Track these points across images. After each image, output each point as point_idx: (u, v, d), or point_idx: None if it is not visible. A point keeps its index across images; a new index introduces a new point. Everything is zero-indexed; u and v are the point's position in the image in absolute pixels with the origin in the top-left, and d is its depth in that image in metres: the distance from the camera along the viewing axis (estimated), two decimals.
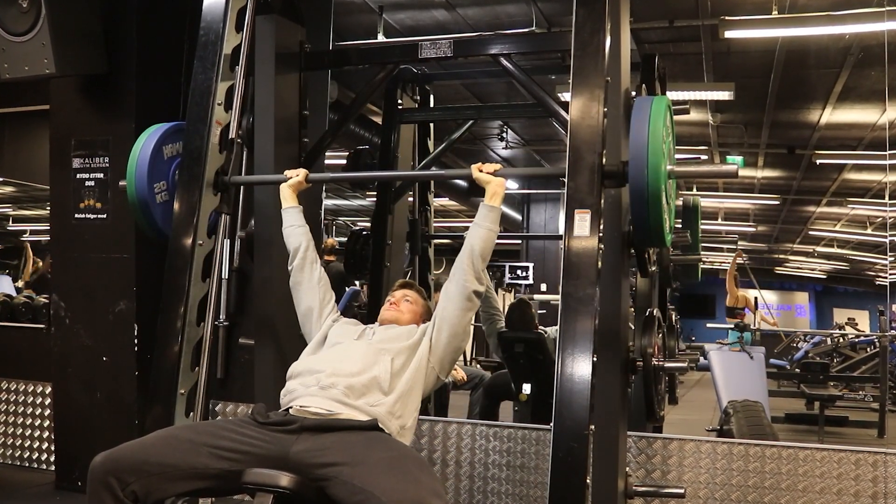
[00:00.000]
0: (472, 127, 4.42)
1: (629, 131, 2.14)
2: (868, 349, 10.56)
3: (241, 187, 3.50)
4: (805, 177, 10.80)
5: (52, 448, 4.06)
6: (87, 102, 3.83)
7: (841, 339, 11.14)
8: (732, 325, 7.71)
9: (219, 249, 2.68)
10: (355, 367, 2.21)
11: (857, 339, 11.19)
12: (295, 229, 2.54)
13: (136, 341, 3.73)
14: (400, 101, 4.34)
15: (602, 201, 2.12)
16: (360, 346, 2.32)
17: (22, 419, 4.21)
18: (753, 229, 15.59)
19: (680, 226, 4.70)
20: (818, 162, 9.31)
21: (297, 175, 2.56)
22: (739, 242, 18.29)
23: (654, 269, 3.19)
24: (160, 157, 2.73)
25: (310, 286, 2.49)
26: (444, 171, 2.56)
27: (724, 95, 6.95)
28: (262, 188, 2.98)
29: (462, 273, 2.26)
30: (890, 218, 8.14)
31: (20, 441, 4.21)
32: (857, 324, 14.53)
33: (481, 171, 2.33)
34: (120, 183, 2.73)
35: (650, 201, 2.06)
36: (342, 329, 2.44)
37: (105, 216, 3.80)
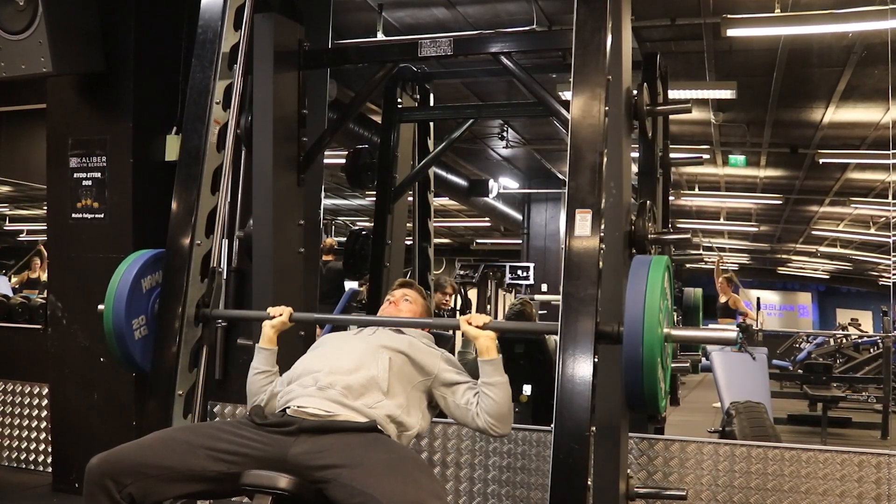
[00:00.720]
0: (473, 126, 4.43)
1: (626, 289, 2.06)
2: (871, 350, 10.57)
3: (239, 183, 3.50)
4: (808, 176, 10.80)
5: (49, 450, 4.06)
6: (85, 101, 3.83)
7: (844, 340, 11.14)
8: (736, 325, 7.71)
9: (217, 249, 2.67)
10: (352, 365, 2.20)
11: (860, 340, 11.19)
12: (260, 378, 2.44)
13: None
14: (399, 100, 4.34)
15: (603, 201, 2.12)
16: (358, 342, 2.32)
17: (18, 420, 4.21)
18: (756, 229, 15.60)
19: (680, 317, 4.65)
20: (821, 161, 9.31)
21: (280, 314, 2.47)
22: (741, 242, 18.33)
23: None
24: (139, 290, 2.60)
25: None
26: (433, 320, 2.51)
27: (727, 94, 6.95)
28: (259, 186, 2.99)
29: (490, 432, 2.21)
30: (893, 217, 8.14)
31: (17, 443, 4.21)
32: (860, 324, 14.54)
33: (470, 323, 2.25)
34: (98, 307, 2.60)
35: (645, 369, 2.00)
36: (335, 335, 2.45)
37: (102, 216, 3.79)
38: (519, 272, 11.04)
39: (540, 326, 3.83)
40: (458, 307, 9.08)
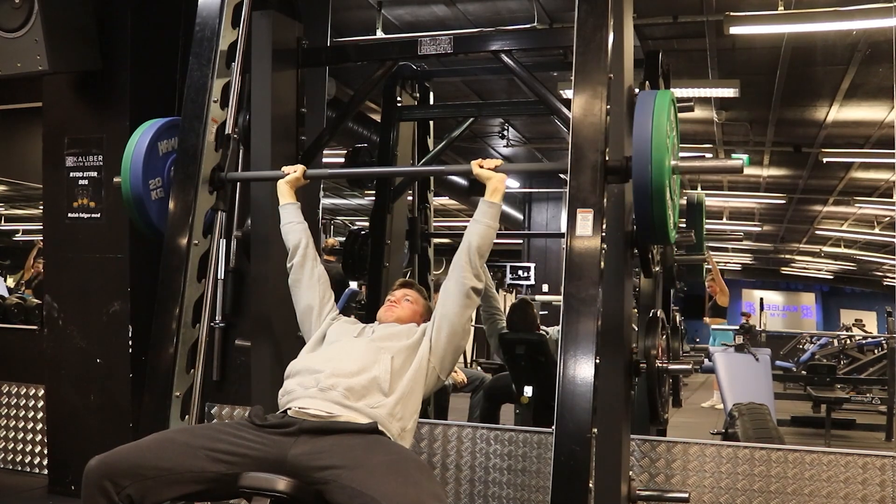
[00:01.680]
0: (473, 125, 4.43)
1: (632, 127, 2.13)
2: (876, 351, 10.58)
3: (238, 185, 3.50)
4: (811, 175, 10.81)
5: (46, 452, 4.06)
6: (81, 100, 3.83)
7: (848, 341, 11.15)
8: (738, 327, 7.71)
9: (214, 249, 2.68)
10: (355, 366, 2.21)
11: (864, 341, 11.20)
12: (294, 226, 2.53)
13: (130, 343, 3.73)
14: (399, 99, 4.34)
15: (605, 200, 2.12)
16: (360, 344, 2.32)
17: (14, 422, 4.21)
18: (759, 228, 15.59)
19: (684, 225, 4.67)
20: (825, 160, 9.32)
21: (294, 171, 2.55)
22: (744, 241, 18.33)
23: (657, 269, 3.19)
24: (155, 153, 2.70)
25: (310, 284, 2.49)
26: (444, 167, 2.57)
27: (729, 92, 6.95)
28: (258, 186, 2.98)
29: (460, 270, 2.27)
30: None
31: (12, 445, 4.21)
32: (864, 325, 14.55)
33: (482, 167, 2.33)
34: (114, 179, 2.70)
35: (654, 197, 2.06)
36: (341, 328, 2.44)
37: (99, 215, 3.80)
38: (520, 272, 11.04)
39: (549, 166, 3.71)
40: None
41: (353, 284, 6.41)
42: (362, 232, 4.51)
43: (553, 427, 1.97)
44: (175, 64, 3.75)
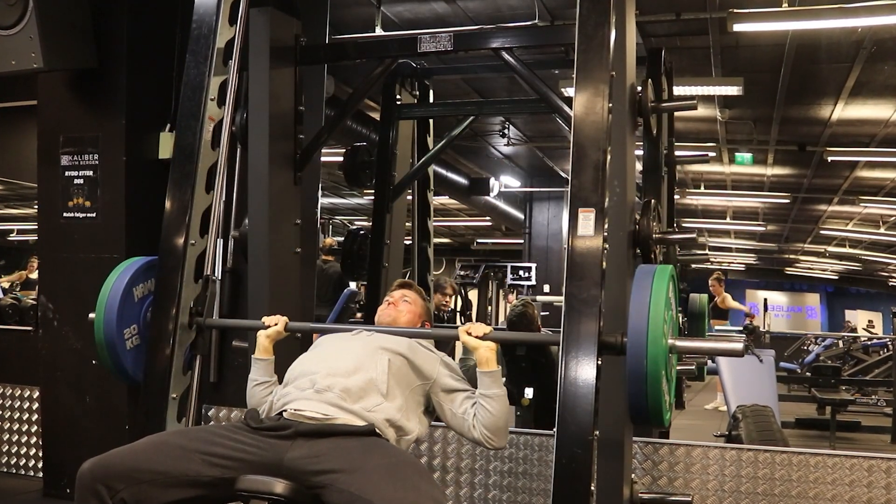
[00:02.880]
0: (473, 123, 4.43)
1: (630, 299, 2.06)
2: (881, 352, 10.57)
3: (235, 183, 3.50)
4: (816, 174, 10.80)
5: (40, 454, 4.06)
6: (76, 98, 3.83)
7: (853, 342, 11.15)
8: (742, 328, 7.71)
9: (211, 250, 2.67)
10: (350, 366, 2.20)
11: (869, 342, 11.20)
12: (261, 389, 2.44)
13: None
14: (398, 97, 4.34)
15: (607, 200, 2.12)
16: (357, 343, 2.32)
17: (9, 424, 4.21)
18: (763, 228, 15.60)
19: (685, 319, 4.57)
20: (829, 159, 9.32)
21: (275, 323, 2.46)
22: (748, 242, 18.33)
23: None
24: (130, 299, 2.59)
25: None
26: (431, 330, 2.50)
27: (733, 90, 6.95)
28: (255, 185, 2.98)
29: (486, 445, 2.22)
30: None
31: (6, 447, 4.21)
32: (873, 326, 14.54)
33: (469, 333, 2.23)
34: (89, 315, 2.60)
35: (649, 380, 1.99)
36: (333, 336, 2.45)
37: (94, 215, 3.79)
38: (520, 273, 11.06)
39: (542, 337, 3.82)
40: (458, 308, 9.09)
41: (353, 285, 6.41)
42: (361, 232, 4.52)
43: (554, 429, 1.97)
44: (172, 61, 3.75)
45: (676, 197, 5.24)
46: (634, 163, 2.68)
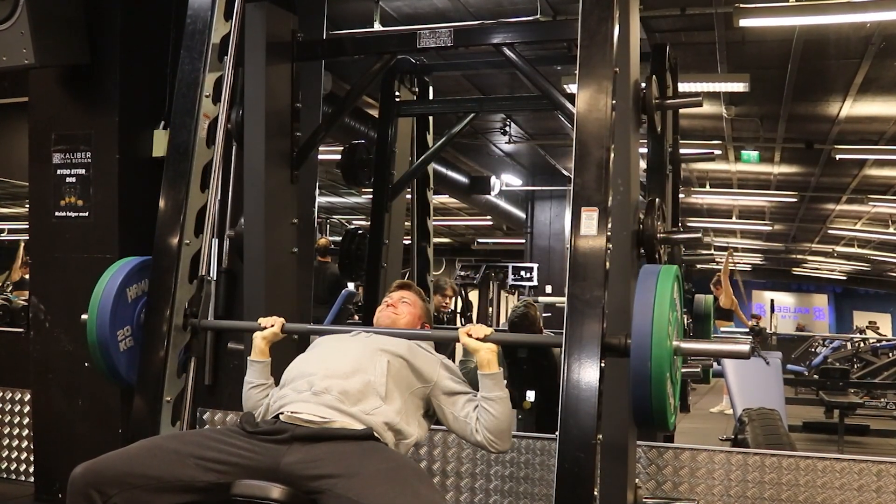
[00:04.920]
0: (474, 120, 4.43)
1: (634, 301, 2.06)
2: (890, 354, 10.58)
3: (231, 182, 3.50)
4: (824, 173, 10.81)
5: (31, 458, 4.06)
6: (68, 95, 3.83)
7: (861, 344, 11.15)
8: (748, 329, 7.72)
9: (206, 250, 2.67)
10: (349, 368, 2.20)
11: (878, 344, 11.20)
12: (257, 392, 2.44)
13: None
14: (397, 94, 4.34)
15: (610, 199, 2.12)
16: (356, 344, 2.32)
17: None
18: (770, 228, 15.61)
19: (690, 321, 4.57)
20: (838, 157, 9.33)
21: (271, 325, 2.47)
22: (754, 241, 18.34)
23: None
24: (123, 299, 2.59)
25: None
26: (431, 332, 2.48)
27: (739, 87, 6.96)
28: (252, 185, 2.98)
29: (489, 448, 2.22)
30: None
31: None
32: (878, 327, 14.55)
33: (470, 335, 2.24)
34: (82, 316, 2.60)
35: (653, 382, 1.99)
36: (331, 337, 2.45)
37: (87, 214, 3.79)
38: (522, 273, 11.05)
39: (543, 339, 3.82)
40: (458, 310, 9.09)
41: (350, 285, 6.41)
42: (359, 231, 4.51)
43: (556, 433, 1.97)
44: (166, 57, 3.75)
45: (681, 196, 5.23)
46: (638, 161, 2.68)
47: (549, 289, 11.84)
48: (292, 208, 3.11)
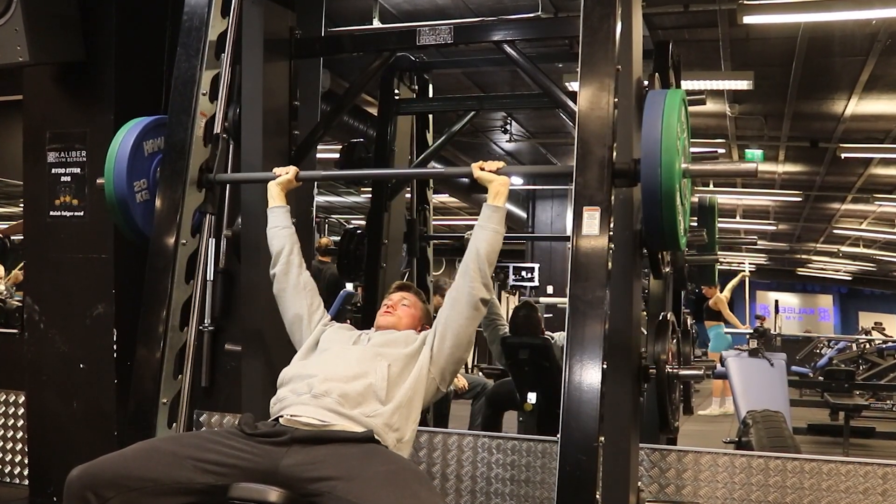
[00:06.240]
0: (474, 119, 4.44)
1: (641, 126, 2.13)
2: None
3: (227, 185, 3.49)
4: (829, 172, 10.81)
5: (26, 461, 4.06)
6: (63, 92, 3.83)
7: (867, 345, 11.14)
8: (752, 330, 7.71)
9: (203, 249, 2.67)
10: (350, 372, 2.21)
11: (884, 345, 11.19)
12: (279, 231, 2.52)
13: (115, 347, 3.73)
14: (397, 91, 4.34)
15: (612, 198, 2.12)
16: (356, 350, 2.32)
17: None
18: (774, 227, 15.61)
19: (695, 224, 4.69)
20: (843, 156, 9.33)
21: (286, 173, 2.54)
22: (759, 242, 18.33)
23: (667, 270, 3.19)
24: (140, 153, 2.69)
25: (295, 292, 2.48)
26: (444, 169, 2.51)
27: (743, 85, 6.96)
28: (249, 185, 2.98)
29: (468, 279, 2.26)
30: None
31: None
32: (883, 328, 14.53)
33: (483, 169, 2.32)
34: (97, 181, 2.70)
35: (664, 202, 2.06)
36: (335, 334, 2.44)
37: (82, 214, 3.79)
38: (523, 273, 11.05)
39: (555, 169, 3.73)
40: None
41: (349, 286, 6.41)
42: (358, 231, 4.51)
43: (558, 435, 1.97)
44: (162, 55, 3.74)
45: None
46: None
47: (550, 289, 11.84)
48: (290, 207, 3.11)
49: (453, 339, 2.29)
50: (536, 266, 11.39)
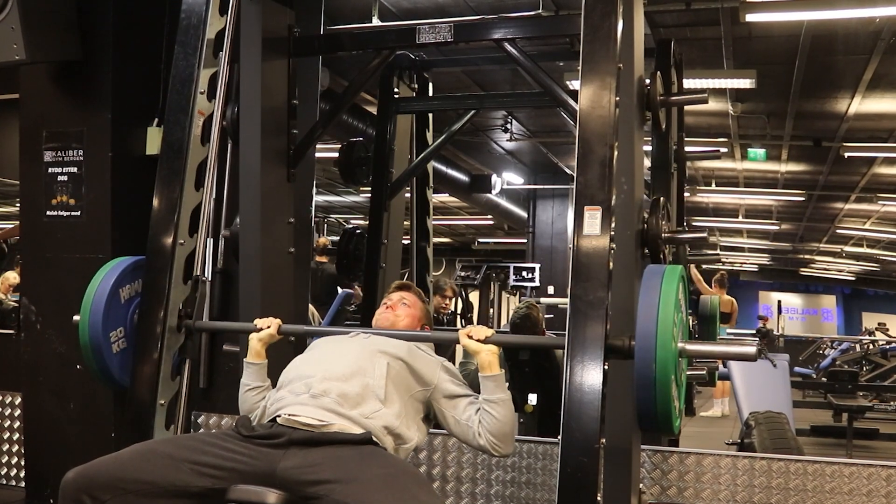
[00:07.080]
0: (474, 117, 4.43)
1: (637, 303, 2.06)
2: None
3: (226, 181, 3.50)
4: (832, 171, 10.81)
5: (22, 463, 4.06)
6: (60, 91, 3.82)
7: (871, 346, 11.15)
8: (755, 331, 7.71)
9: (201, 249, 2.67)
10: (348, 370, 2.20)
11: (888, 346, 11.19)
12: (253, 395, 2.44)
13: None
14: (396, 90, 4.35)
15: (614, 197, 2.12)
16: (354, 346, 2.32)
17: None
18: (777, 227, 15.62)
19: (695, 324, 4.53)
20: (846, 155, 9.33)
21: (268, 326, 2.46)
22: (761, 241, 18.33)
23: None
24: (116, 300, 2.58)
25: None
26: (430, 333, 2.45)
27: (746, 83, 6.95)
28: (247, 185, 2.99)
29: (492, 452, 2.21)
30: None
31: None
32: (887, 329, 14.54)
33: (470, 337, 2.24)
34: (74, 318, 2.59)
35: (657, 387, 1.98)
36: (329, 338, 2.44)
37: (79, 213, 3.79)
38: (524, 273, 11.05)
39: (545, 340, 3.82)
40: (458, 311, 9.09)
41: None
42: (357, 231, 4.51)
43: (559, 437, 1.97)
44: (160, 53, 3.74)
45: (686, 194, 5.24)
46: (643, 159, 2.68)
47: (551, 289, 11.83)
48: (289, 207, 3.11)
49: (459, 438, 2.29)
50: (537, 266, 11.39)
